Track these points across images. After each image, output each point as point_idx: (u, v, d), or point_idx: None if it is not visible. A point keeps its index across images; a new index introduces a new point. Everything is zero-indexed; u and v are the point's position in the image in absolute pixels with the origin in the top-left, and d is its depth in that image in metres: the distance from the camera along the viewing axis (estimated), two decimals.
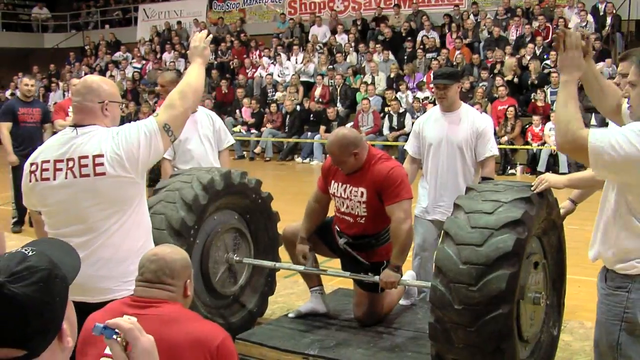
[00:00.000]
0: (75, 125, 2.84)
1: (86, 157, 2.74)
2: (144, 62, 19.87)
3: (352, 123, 14.65)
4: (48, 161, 2.82)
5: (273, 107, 15.84)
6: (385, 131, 14.11)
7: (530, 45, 14.49)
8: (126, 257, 2.81)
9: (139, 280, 2.34)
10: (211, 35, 3.36)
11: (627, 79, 2.79)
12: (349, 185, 4.14)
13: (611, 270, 2.68)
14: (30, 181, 2.86)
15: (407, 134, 12.65)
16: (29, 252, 1.22)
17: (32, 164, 2.87)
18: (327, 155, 4.32)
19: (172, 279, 2.31)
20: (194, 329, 2.20)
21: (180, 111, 2.90)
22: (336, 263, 5.03)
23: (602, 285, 2.72)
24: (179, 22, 21.00)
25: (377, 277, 4.03)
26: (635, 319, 2.60)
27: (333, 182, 4.23)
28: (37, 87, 14.56)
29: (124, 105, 15.87)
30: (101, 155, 2.74)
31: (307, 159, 14.68)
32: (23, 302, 1.15)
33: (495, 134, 12.65)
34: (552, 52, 14.14)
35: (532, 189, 3.43)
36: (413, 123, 8.73)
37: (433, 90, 5.45)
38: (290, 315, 4.45)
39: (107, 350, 2.15)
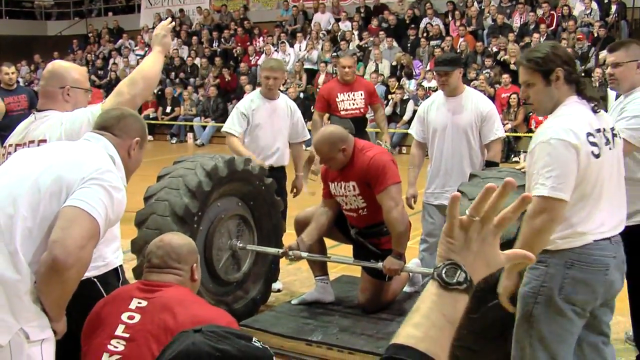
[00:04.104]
0: (37, 110, 2.90)
1: (33, 142, 2.77)
2: (147, 49, 19.80)
3: None
4: (12, 145, 2.88)
5: None
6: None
7: (536, 34, 14.40)
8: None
9: (147, 266, 2.36)
10: (173, 23, 3.28)
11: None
12: (341, 182, 4.17)
13: None
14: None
15: (408, 122, 12.67)
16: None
17: (3, 147, 2.96)
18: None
19: (179, 264, 2.34)
20: (201, 312, 2.21)
21: (127, 98, 2.85)
22: (340, 250, 5.04)
23: None
24: (181, 10, 20.93)
25: (380, 264, 4.04)
26: (551, 293, 2.69)
27: (330, 183, 4.26)
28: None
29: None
30: (44, 141, 2.73)
31: (310, 147, 14.64)
32: None
33: None
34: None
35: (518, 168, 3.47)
36: (415, 110, 8.68)
37: (435, 77, 5.42)
38: (294, 302, 4.47)
39: (117, 332, 2.17)
